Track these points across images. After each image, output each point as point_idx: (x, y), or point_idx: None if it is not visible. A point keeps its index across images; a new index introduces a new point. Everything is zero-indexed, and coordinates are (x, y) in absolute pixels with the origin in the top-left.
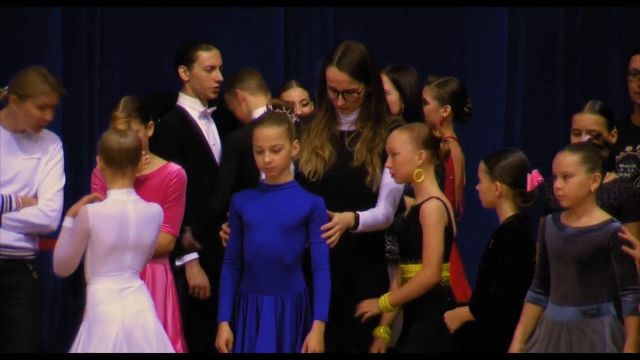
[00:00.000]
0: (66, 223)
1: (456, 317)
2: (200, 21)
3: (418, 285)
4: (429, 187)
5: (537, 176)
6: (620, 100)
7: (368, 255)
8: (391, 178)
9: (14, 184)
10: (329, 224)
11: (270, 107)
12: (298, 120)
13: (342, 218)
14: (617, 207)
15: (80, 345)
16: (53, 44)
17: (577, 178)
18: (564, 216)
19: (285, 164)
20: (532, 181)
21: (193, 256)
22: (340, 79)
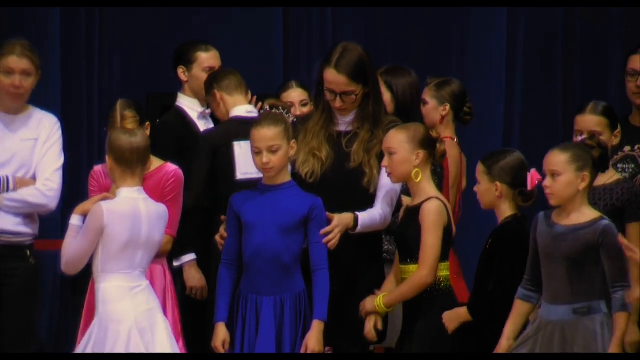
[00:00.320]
0: (74, 221)
1: (454, 318)
2: (199, 21)
3: (413, 285)
4: (427, 187)
5: (537, 175)
6: (619, 100)
7: (366, 255)
8: (388, 178)
9: (11, 166)
10: (329, 227)
11: (267, 108)
12: (295, 120)
13: (342, 220)
14: (620, 208)
15: (91, 344)
16: (52, 44)
17: (565, 177)
18: (555, 214)
19: (283, 164)
20: (532, 180)
21: (190, 257)
22: (338, 81)
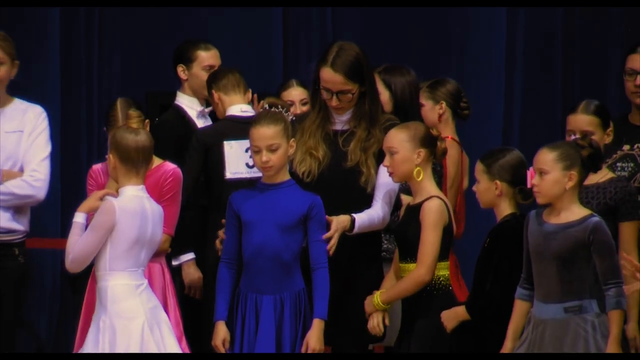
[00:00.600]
0: (78, 219)
1: (453, 317)
2: (199, 21)
3: (411, 283)
4: (428, 186)
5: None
6: (618, 99)
7: (365, 255)
8: (386, 177)
9: None
10: (330, 233)
11: (266, 106)
12: (294, 118)
13: (339, 223)
14: (613, 206)
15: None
16: (52, 44)
17: (552, 175)
18: (546, 213)
19: (282, 163)
20: (532, 178)
21: (189, 256)
22: (334, 80)
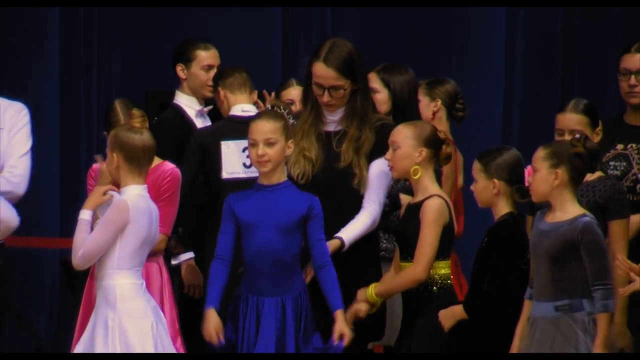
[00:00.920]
0: (85, 216)
1: (450, 316)
2: (199, 21)
3: (406, 280)
4: (429, 186)
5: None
6: (618, 99)
7: (362, 256)
8: (377, 173)
9: None
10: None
11: (269, 107)
12: (295, 123)
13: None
14: (602, 205)
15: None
16: (52, 44)
17: (540, 173)
18: (548, 212)
19: (279, 160)
20: (529, 176)
21: (188, 255)
22: (327, 75)
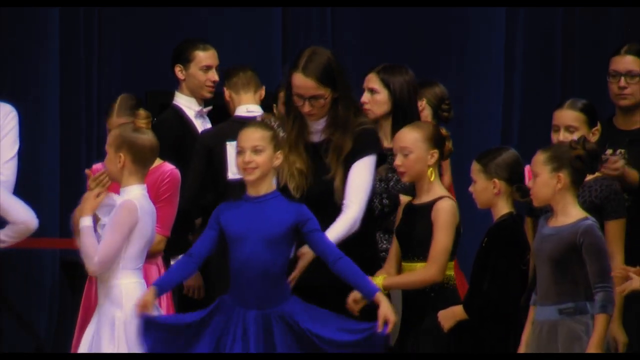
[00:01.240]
0: (86, 223)
1: (450, 316)
2: (198, 21)
3: (419, 279)
4: (437, 187)
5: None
6: None
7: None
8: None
9: None
10: (294, 273)
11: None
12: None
13: (308, 260)
14: (599, 205)
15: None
16: (52, 44)
17: (541, 177)
18: (550, 217)
19: (266, 168)
20: (529, 175)
21: None
22: (306, 85)
